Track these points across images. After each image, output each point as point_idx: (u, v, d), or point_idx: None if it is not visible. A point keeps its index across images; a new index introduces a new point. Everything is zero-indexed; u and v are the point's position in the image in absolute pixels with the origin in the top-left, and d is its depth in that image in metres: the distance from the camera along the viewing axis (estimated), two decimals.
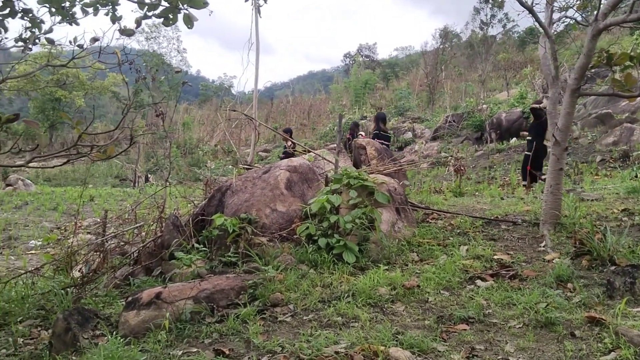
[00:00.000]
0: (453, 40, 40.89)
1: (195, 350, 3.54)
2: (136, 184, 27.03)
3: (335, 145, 7.67)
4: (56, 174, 30.64)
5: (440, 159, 21.52)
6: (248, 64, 11.69)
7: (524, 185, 11.39)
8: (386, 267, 5.00)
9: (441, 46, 38.74)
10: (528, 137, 11.37)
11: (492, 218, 6.93)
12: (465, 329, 3.62)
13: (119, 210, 12.62)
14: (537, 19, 6.21)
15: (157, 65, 41.31)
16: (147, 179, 28.16)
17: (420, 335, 3.46)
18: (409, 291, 4.39)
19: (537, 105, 11.33)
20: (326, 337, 3.54)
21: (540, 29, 6.45)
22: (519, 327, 3.61)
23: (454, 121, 25.41)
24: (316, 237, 5.52)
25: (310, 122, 41.93)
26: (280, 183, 6.44)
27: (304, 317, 4.05)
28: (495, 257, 5.25)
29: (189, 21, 3.10)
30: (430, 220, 7.03)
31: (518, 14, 6.63)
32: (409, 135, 27.02)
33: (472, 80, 36.27)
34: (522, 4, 6.08)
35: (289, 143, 12.40)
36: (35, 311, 5.02)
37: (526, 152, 11.32)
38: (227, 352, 3.43)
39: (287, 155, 11.64)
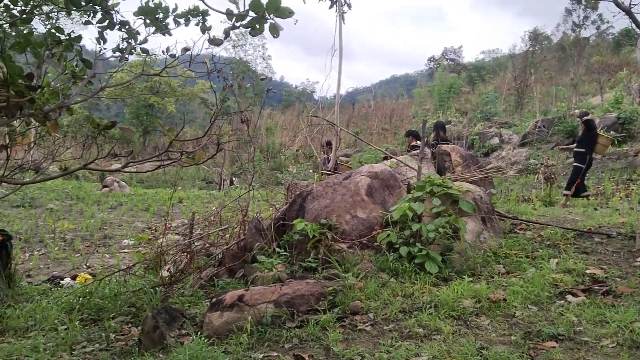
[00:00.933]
0: (543, 43, 39.15)
1: (276, 354, 3.59)
2: (222, 187, 27.91)
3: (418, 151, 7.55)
4: (148, 176, 32.22)
5: (529, 166, 20.75)
6: (331, 70, 11.75)
7: (564, 195, 11.24)
8: (470, 279, 4.84)
9: (531, 49, 37.21)
10: (580, 149, 11.13)
11: (585, 230, 6.58)
12: (554, 347, 3.44)
13: (205, 213, 13.07)
14: (635, 21, 5.83)
15: (243, 72, 42.65)
16: (231, 182, 29.04)
17: (506, 352, 3.33)
18: (495, 305, 4.23)
19: (589, 117, 11.45)
20: (407, 348, 3.48)
21: (638, 31, 6.04)
22: (612, 347, 3.39)
23: (543, 126, 24.39)
24: (397, 246, 5.44)
25: (392, 126, 41.63)
26: (361, 189, 6.41)
27: (384, 327, 4.00)
28: (587, 271, 4.96)
29: (275, 30, 3.14)
30: (518, 231, 6.75)
31: (613, 15, 6.19)
32: (496, 140, 26.22)
33: (564, 84, 34.64)
34: (618, 5, 5.71)
35: (332, 153, 12.46)
36: (126, 308, 5.31)
37: (577, 164, 11.13)
38: (307, 358, 3.46)
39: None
